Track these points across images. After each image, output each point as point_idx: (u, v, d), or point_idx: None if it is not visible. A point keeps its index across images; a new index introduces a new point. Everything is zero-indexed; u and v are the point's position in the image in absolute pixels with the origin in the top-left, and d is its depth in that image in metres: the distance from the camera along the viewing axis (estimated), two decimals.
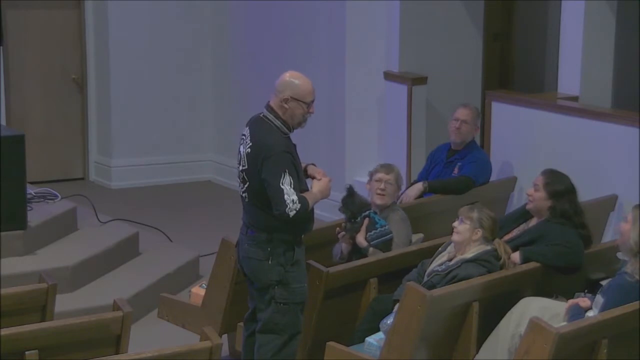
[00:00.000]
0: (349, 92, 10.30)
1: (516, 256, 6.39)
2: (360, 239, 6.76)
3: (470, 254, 6.14)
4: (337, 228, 6.93)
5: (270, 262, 5.88)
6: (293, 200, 5.71)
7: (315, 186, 5.96)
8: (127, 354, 5.16)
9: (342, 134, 10.41)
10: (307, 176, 6.07)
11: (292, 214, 5.72)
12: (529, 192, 6.71)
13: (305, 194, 5.83)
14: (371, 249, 6.70)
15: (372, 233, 6.76)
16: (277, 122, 5.85)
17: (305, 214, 5.81)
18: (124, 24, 11.70)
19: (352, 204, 6.86)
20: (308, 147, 10.83)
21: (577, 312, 5.80)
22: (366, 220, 6.78)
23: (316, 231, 7.13)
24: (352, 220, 6.83)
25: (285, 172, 5.74)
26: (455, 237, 6.19)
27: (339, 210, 6.95)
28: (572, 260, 6.36)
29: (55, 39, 11.77)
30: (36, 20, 11.66)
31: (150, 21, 11.80)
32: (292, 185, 5.73)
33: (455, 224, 6.20)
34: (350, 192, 6.88)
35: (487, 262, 6.12)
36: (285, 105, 5.84)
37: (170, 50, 11.95)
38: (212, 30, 12.06)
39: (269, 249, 5.88)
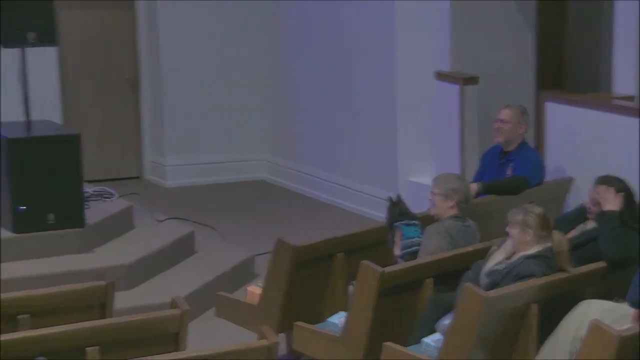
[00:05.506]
0: (400, 92, 10.28)
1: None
2: (395, 249, 6.87)
3: (532, 250, 6.13)
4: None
5: None
6: None
7: None
8: (185, 351, 5.21)
9: (394, 135, 10.38)
10: None
11: None
12: (588, 205, 6.67)
13: None
14: (400, 260, 6.77)
15: (402, 244, 6.84)
16: None
17: None
18: (175, 25, 11.75)
19: (391, 212, 6.96)
20: (360, 147, 10.86)
21: None
22: (397, 232, 6.88)
23: (370, 231, 7.17)
24: (390, 230, 6.96)
25: None
26: (510, 242, 6.22)
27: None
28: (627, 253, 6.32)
29: (108, 39, 11.87)
30: (90, 19, 11.77)
31: (202, 20, 11.85)
32: None
33: (508, 229, 6.22)
34: (390, 199, 6.99)
35: (547, 258, 6.10)
36: None
37: (224, 51, 11.99)
38: (266, 31, 12.08)
39: None
